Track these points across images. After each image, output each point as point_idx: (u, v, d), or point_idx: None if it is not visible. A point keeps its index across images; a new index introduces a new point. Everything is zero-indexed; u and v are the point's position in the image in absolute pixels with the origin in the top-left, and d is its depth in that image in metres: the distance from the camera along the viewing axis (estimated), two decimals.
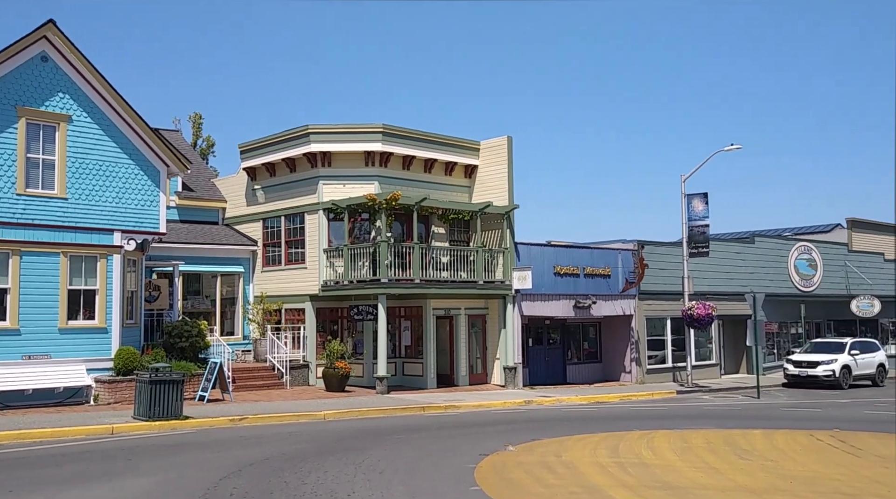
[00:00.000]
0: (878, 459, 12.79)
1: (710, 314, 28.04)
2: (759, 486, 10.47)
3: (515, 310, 26.33)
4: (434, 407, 20.50)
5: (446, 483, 10.58)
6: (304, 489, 10.10)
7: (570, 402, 23.25)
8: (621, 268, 29.30)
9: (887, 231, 48.97)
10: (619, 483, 10.47)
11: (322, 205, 25.51)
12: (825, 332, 38.87)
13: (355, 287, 24.26)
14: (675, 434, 15.45)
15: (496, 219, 26.67)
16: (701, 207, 29.37)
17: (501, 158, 27.14)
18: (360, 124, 25.53)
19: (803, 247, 36.68)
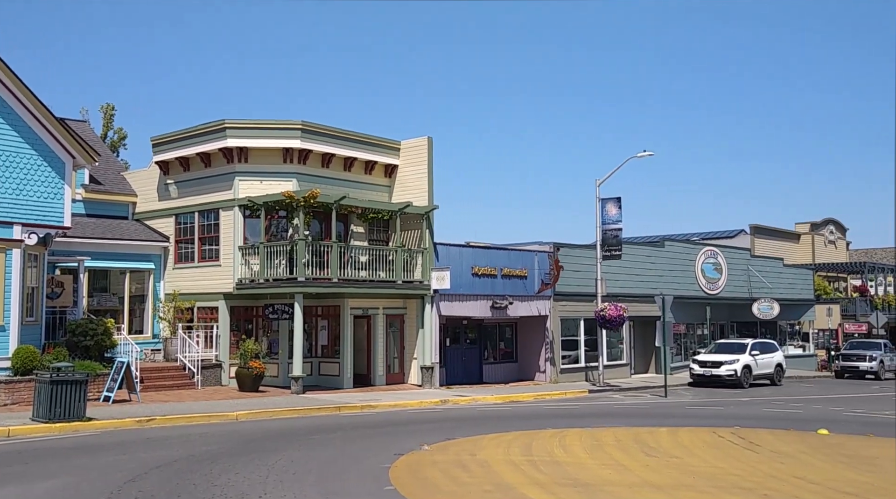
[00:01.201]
0: (774, 454, 13.43)
1: (622, 315, 28.85)
2: (665, 482, 10.84)
3: (433, 310, 26.44)
4: (350, 407, 20.37)
5: (360, 483, 10.53)
6: (213, 492, 9.87)
7: (485, 401, 23.50)
8: (537, 269, 29.82)
9: (787, 237, 51.57)
10: (532, 481, 10.66)
11: (238, 201, 24.97)
12: (728, 333, 40.58)
13: (271, 286, 23.85)
14: (586, 432, 15.83)
15: (416, 219, 26.71)
16: (614, 211, 30.16)
17: (421, 158, 27.20)
18: (279, 120, 25.13)
19: (710, 251, 38.18)
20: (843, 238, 58.17)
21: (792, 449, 14.03)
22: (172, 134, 26.49)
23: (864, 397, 27.57)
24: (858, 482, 11.05)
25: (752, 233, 47.13)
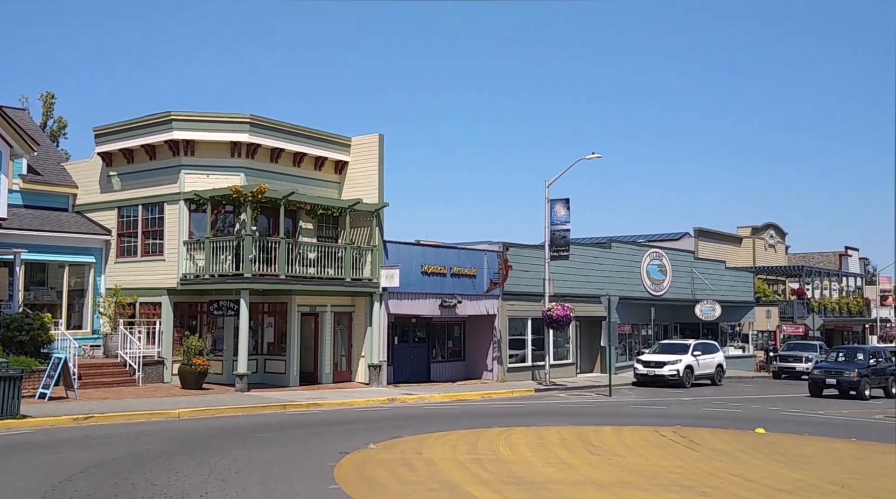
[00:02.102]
0: (713, 453, 13.74)
1: (569, 315, 29.18)
2: (607, 480, 10.99)
3: (382, 308, 26.34)
4: (296, 405, 20.17)
5: (305, 482, 10.43)
6: (152, 492, 9.66)
7: (433, 400, 23.52)
8: (486, 269, 29.95)
9: (729, 241, 52.84)
10: (477, 479, 10.70)
11: (184, 195, 24.48)
12: (672, 334, 41.38)
13: (217, 281, 23.45)
14: (531, 431, 15.96)
15: (366, 216, 26.57)
16: (563, 212, 30.49)
17: (372, 155, 27.06)
18: (227, 114, 24.70)
19: (655, 253, 38.87)
20: (782, 242, 59.87)
21: (730, 447, 14.38)
22: (116, 124, 25.82)
23: (799, 398, 28.43)
24: (793, 479, 11.38)
25: (696, 236, 48.14)
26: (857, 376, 28.04)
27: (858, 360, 29.98)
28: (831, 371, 28.97)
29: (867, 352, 30.58)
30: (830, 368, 29.28)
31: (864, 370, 28.65)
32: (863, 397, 27.89)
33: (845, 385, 28.20)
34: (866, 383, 28.33)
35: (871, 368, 29.14)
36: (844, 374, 28.34)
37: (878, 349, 32.24)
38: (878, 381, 29.39)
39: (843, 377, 28.29)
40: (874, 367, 29.42)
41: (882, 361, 30.54)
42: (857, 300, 57.56)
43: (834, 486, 11.00)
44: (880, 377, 29.57)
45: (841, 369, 28.82)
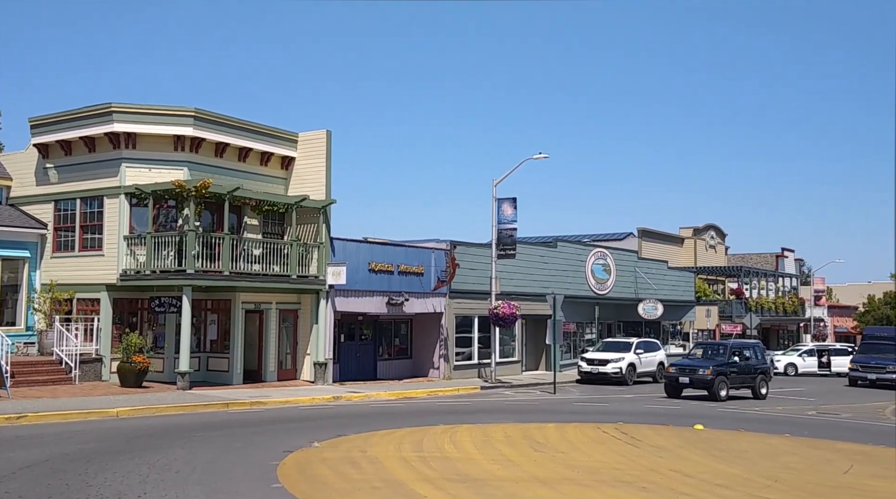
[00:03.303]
0: (653, 449, 14.03)
1: (515, 314, 29.43)
2: (550, 476, 11.13)
3: (329, 306, 26.15)
4: (239, 403, 19.88)
5: (247, 481, 10.29)
6: (87, 492, 9.41)
7: (379, 398, 23.45)
8: (434, 267, 29.99)
9: (671, 241, 53.98)
10: (421, 477, 10.71)
11: (124, 189, 23.89)
12: (615, 332, 42.07)
13: (158, 278, 22.96)
14: (476, 428, 16.05)
15: (312, 213, 26.33)
16: (510, 212, 30.71)
17: (320, 151, 26.83)
18: (171, 106, 24.19)
19: (600, 253, 39.46)
20: (722, 243, 61.41)
21: (670, 444, 14.69)
22: (54, 115, 25.05)
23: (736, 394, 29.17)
24: (728, 474, 11.70)
25: (640, 236, 49.04)
26: (712, 373, 25.67)
27: (717, 356, 27.34)
28: (685, 369, 26.55)
29: (729, 348, 27.69)
30: (685, 366, 26.85)
31: (722, 368, 26.17)
32: (716, 397, 25.51)
33: (698, 384, 25.89)
34: (722, 382, 25.87)
35: (733, 366, 26.62)
36: (698, 371, 25.93)
37: (746, 345, 29.28)
38: (742, 380, 26.96)
39: (697, 375, 25.89)
40: (736, 364, 26.86)
41: (752, 358, 27.98)
42: (793, 300, 59.43)
43: (768, 480, 11.33)
44: (745, 376, 27.11)
45: (695, 367, 26.37)
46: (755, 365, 27.83)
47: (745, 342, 30.99)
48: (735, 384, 26.72)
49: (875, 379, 34.56)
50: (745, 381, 27.21)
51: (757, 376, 27.52)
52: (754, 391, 27.28)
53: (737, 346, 28.49)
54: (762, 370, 28.04)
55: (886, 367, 34.76)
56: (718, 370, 26.01)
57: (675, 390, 26.71)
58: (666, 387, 27.29)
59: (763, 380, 27.75)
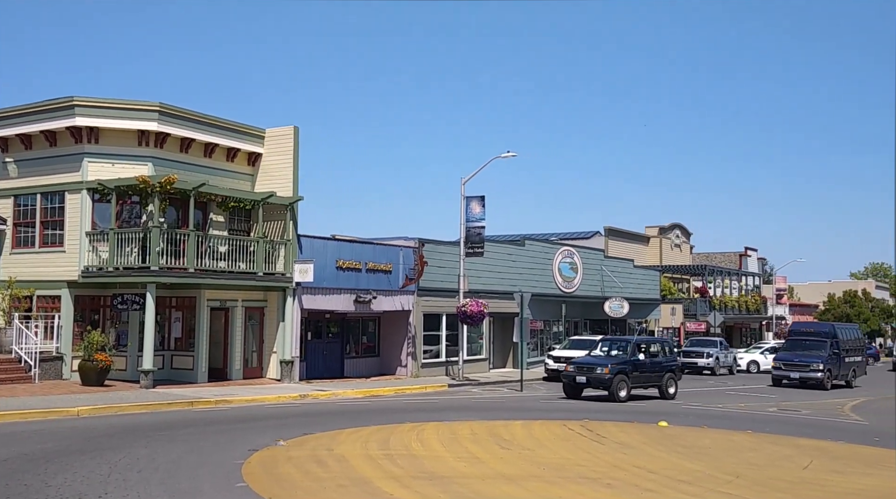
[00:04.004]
0: (618, 446, 14.16)
1: (482, 312, 29.51)
2: (516, 473, 11.18)
3: (295, 303, 25.97)
4: (203, 402, 19.66)
5: (210, 481, 10.18)
6: (47, 493, 9.23)
7: (346, 396, 23.36)
8: (402, 264, 29.94)
9: (637, 240, 54.55)
10: (388, 475, 10.69)
11: (87, 184, 23.48)
12: (582, 330, 42.40)
13: (122, 274, 22.61)
14: (443, 426, 16.06)
15: (279, 210, 26.12)
16: (478, 210, 30.79)
17: (287, 147, 26.63)
18: (135, 101, 23.82)
19: (567, 251, 39.73)
20: (687, 242, 62.22)
21: (634, 440, 14.85)
22: (13, 108, 24.52)
23: (700, 391, 29.58)
24: (691, 470, 11.86)
25: (607, 235, 49.47)
26: (610, 372, 23.56)
27: (621, 353, 25.39)
28: (583, 367, 24.30)
29: (632, 344, 25.64)
30: (583, 364, 24.55)
31: (623, 366, 24.12)
32: (615, 397, 23.46)
33: (595, 383, 23.80)
34: (622, 382, 23.80)
35: (636, 364, 24.64)
36: (596, 370, 23.82)
37: (653, 340, 27.13)
38: (647, 378, 25.05)
39: (595, 374, 23.77)
40: (640, 362, 24.88)
41: (659, 355, 26.07)
42: (756, 298, 60.44)
43: (729, 476, 11.51)
44: (651, 374, 25.14)
45: (593, 365, 24.21)
46: (662, 362, 25.79)
47: (652, 338, 29.02)
48: (638, 384, 24.73)
49: (799, 378, 32.56)
50: (651, 380, 25.19)
51: (664, 374, 25.47)
52: (661, 391, 25.32)
53: (642, 342, 26.74)
54: (671, 368, 25.98)
55: (811, 364, 32.59)
56: (618, 369, 23.89)
57: (573, 390, 24.59)
58: (564, 387, 24.99)
59: (672, 379, 25.72)
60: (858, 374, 36.11)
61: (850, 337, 36.66)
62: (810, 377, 32.32)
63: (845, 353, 34.61)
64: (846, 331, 37.18)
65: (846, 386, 34.11)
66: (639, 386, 24.94)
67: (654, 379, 25.29)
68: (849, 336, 36.46)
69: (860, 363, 36.67)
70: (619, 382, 23.72)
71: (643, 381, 25.00)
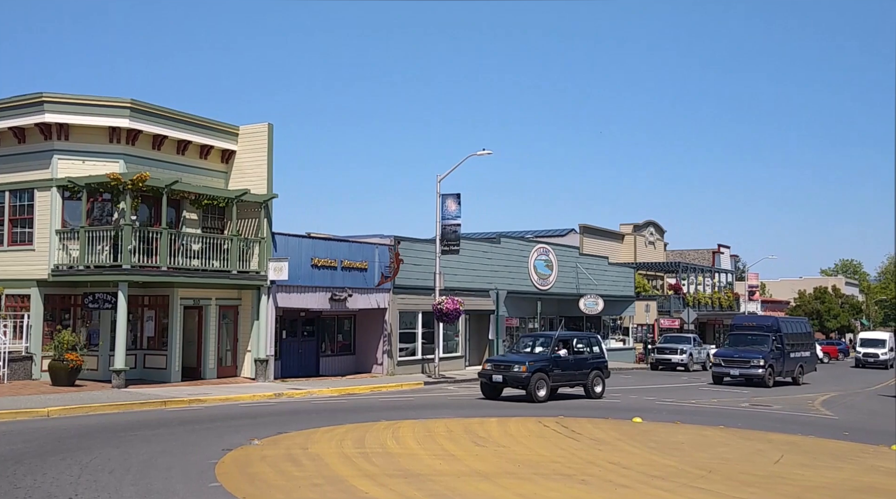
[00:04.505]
0: (592, 442, 14.26)
1: (458, 309, 29.54)
2: (491, 470, 11.21)
3: (270, 301, 25.81)
4: (177, 401, 19.47)
5: (183, 481, 10.09)
6: (16, 495, 9.09)
7: (321, 394, 23.27)
8: (378, 262, 29.88)
9: (612, 237, 54.90)
10: (363, 473, 10.66)
11: (57, 182, 23.14)
12: (557, 327, 42.59)
13: (93, 273, 22.32)
14: (419, 424, 16.06)
15: (254, 207, 25.94)
16: (454, 207, 30.80)
17: (261, 144, 26.45)
18: (106, 97, 23.53)
19: (542, 249, 39.89)
20: (661, 239, 62.74)
21: (609, 437, 14.95)
22: None
23: (674, 387, 29.88)
24: (664, 466, 11.97)
25: (581, 232, 49.73)
26: (528, 370, 21.99)
27: (542, 350, 23.66)
28: (500, 365, 22.71)
29: (554, 340, 23.72)
30: (500, 362, 23.06)
31: (542, 363, 22.46)
32: (533, 397, 21.93)
33: (513, 382, 22.24)
34: (541, 380, 22.18)
35: (557, 361, 22.95)
36: (513, 368, 22.22)
37: (578, 336, 25.84)
38: (570, 376, 23.43)
39: (511, 373, 22.19)
40: (563, 359, 23.17)
41: (585, 351, 24.41)
42: (728, 295, 61.10)
43: (702, 471, 11.64)
44: (575, 372, 23.52)
45: (510, 363, 22.59)
46: (588, 359, 24.17)
47: (577, 333, 27.38)
48: (561, 382, 23.22)
49: (738, 374, 31.00)
50: (575, 377, 23.57)
51: (590, 371, 23.84)
52: (587, 389, 23.80)
53: (565, 337, 24.73)
54: (597, 365, 24.24)
55: (751, 360, 30.86)
56: (537, 366, 22.25)
57: (491, 390, 22.91)
58: (482, 387, 23.28)
59: (598, 376, 24.08)
60: (807, 370, 34.65)
61: (797, 331, 34.93)
62: (751, 374, 30.80)
63: (790, 348, 33.02)
64: (792, 325, 35.52)
65: (792, 383, 32.68)
66: (562, 384, 23.46)
67: (578, 377, 23.69)
68: (794, 330, 34.75)
69: (808, 359, 35.05)
70: (538, 381, 22.16)
71: (566, 379, 23.39)
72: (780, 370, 32.08)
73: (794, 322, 37.02)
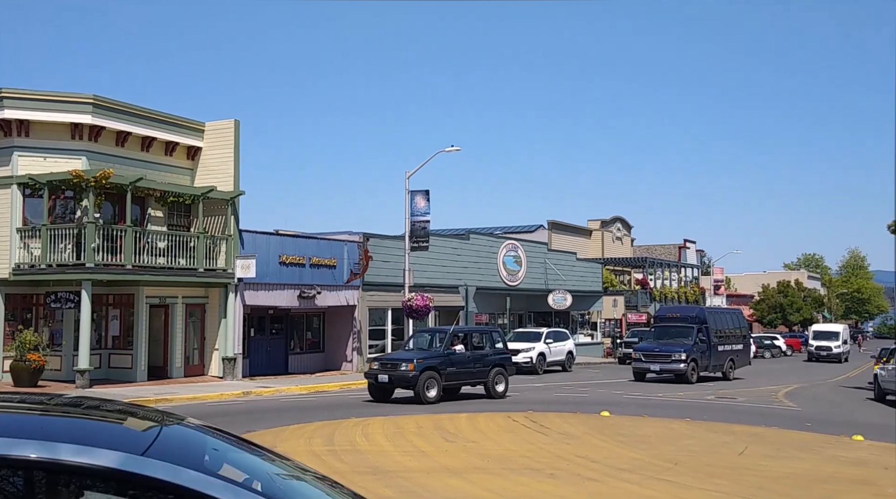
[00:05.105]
0: (561, 436, 14.36)
1: (428, 305, 29.55)
2: (460, 465, 11.24)
3: (238, 299, 25.58)
4: (142, 401, 19.18)
5: None
6: None
7: (290, 392, 23.13)
8: (347, 259, 29.76)
9: (580, 233, 55.30)
10: (332, 471, 10.61)
11: (17, 179, 22.68)
12: (526, 322, 42.84)
13: (55, 272, 21.94)
14: (388, 420, 16.03)
15: (220, 205, 25.68)
16: (423, 204, 30.79)
17: (228, 141, 26.19)
18: (67, 93, 23.11)
19: (511, 245, 40.05)
20: (628, 235, 63.35)
21: (577, 430, 15.07)
22: None
23: (641, 382, 30.19)
24: (631, 459, 12.10)
25: (550, 228, 50.02)
26: (415, 369, 19.86)
27: (435, 346, 21.69)
28: (387, 364, 20.61)
29: (448, 335, 21.69)
30: (388, 360, 21.00)
31: (433, 361, 20.49)
32: (422, 398, 19.76)
33: (399, 382, 20.10)
34: (431, 380, 20.13)
35: (451, 358, 21.00)
36: (400, 367, 20.09)
37: (477, 331, 24.09)
38: (467, 375, 21.46)
39: (398, 372, 20.03)
40: (457, 356, 21.25)
41: (484, 347, 22.58)
42: (694, 289, 61.95)
43: (668, 463, 11.79)
44: (472, 370, 21.55)
45: (398, 360, 20.54)
46: (489, 355, 22.23)
47: (476, 327, 25.36)
48: (455, 381, 21.26)
49: (659, 370, 28.87)
50: (473, 376, 21.64)
51: (491, 369, 21.85)
52: (487, 388, 21.84)
53: (461, 332, 22.84)
54: (499, 362, 22.21)
55: (671, 355, 28.60)
56: (427, 364, 20.17)
57: (379, 391, 20.54)
58: (369, 388, 20.96)
59: (501, 374, 22.08)
60: (739, 364, 32.41)
61: (726, 323, 32.56)
62: (671, 369, 28.68)
63: (719, 340, 30.82)
64: (720, 316, 33.32)
65: (723, 378, 30.65)
66: (457, 383, 21.49)
67: (477, 375, 21.70)
68: (724, 322, 32.42)
69: (740, 352, 32.70)
70: (428, 380, 20.05)
71: (462, 377, 21.42)
72: (706, 365, 29.98)
73: (723, 313, 35.12)
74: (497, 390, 22.05)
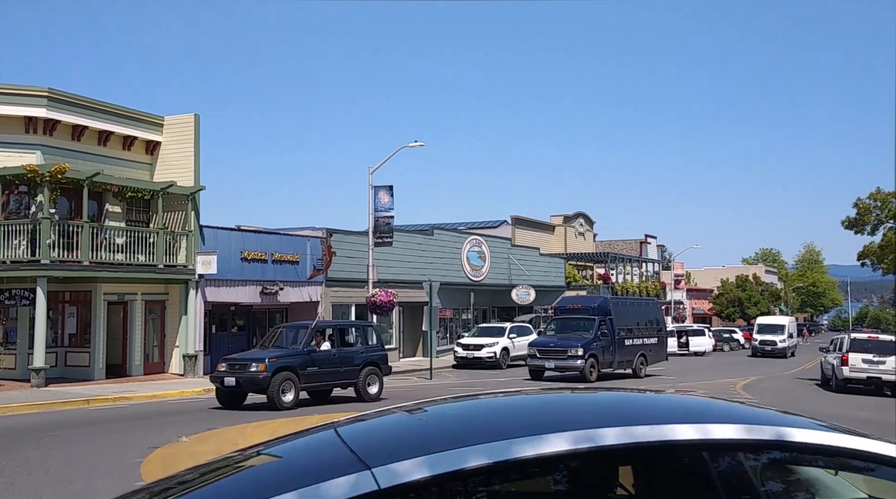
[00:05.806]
0: None
1: (392, 301, 29.46)
2: None
3: (198, 296, 25.27)
4: (101, 399, 18.90)
5: (107, 481, 9.81)
6: None
7: None
8: (310, 255, 29.57)
9: (543, 229, 55.66)
10: None
11: None
12: (490, 318, 43.00)
13: (9, 269, 21.43)
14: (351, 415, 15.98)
15: (180, 200, 25.32)
16: (387, 200, 30.68)
17: (187, 136, 25.83)
18: (20, 86, 22.57)
19: (475, 240, 40.16)
20: (590, 230, 63.93)
21: None
22: None
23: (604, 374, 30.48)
24: None
25: (513, 224, 50.25)
26: (266, 369, 17.07)
27: (295, 344, 18.61)
28: (235, 365, 17.59)
29: (309, 331, 18.64)
30: (236, 361, 17.85)
31: (291, 360, 17.71)
32: (277, 404, 16.98)
33: (249, 385, 17.30)
34: (287, 382, 17.37)
35: (310, 358, 18.17)
36: (250, 368, 17.24)
37: (344, 325, 21.76)
38: (332, 377, 18.76)
39: (247, 374, 17.18)
40: (319, 355, 18.49)
41: (356, 344, 19.97)
42: (655, 284, 62.77)
43: None
44: (338, 370, 18.82)
45: (248, 361, 17.61)
46: (359, 353, 19.60)
47: (344, 322, 23.07)
48: (318, 382, 18.59)
49: (555, 367, 25.69)
50: (340, 377, 18.92)
51: (362, 369, 19.27)
52: (357, 390, 19.28)
53: (327, 326, 20.16)
54: (372, 360, 19.62)
55: (567, 350, 25.41)
56: (281, 364, 17.38)
57: (228, 397, 17.64)
58: (217, 393, 18.10)
59: (374, 373, 19.60)
60: (651, 360, 29.04)
61: (635, 315, 28.99)
62: (567, 366, 25.41)
63: (626, 334, 27.52)
64: (628, 306, 29.63)
65: (632, 375, 27.78)
66: (321, 386, 18.91)
67: (345, 376, 19.00)
68: (632, 313, 28.83)
69: (654, 347, 29.32)
70: (283, 382, 17.33)
71: (327, 379, 18.73)
72: (610, 361, 26.77)
73: (633, 304, 31.80)
74: (369, 391, 19.44)
